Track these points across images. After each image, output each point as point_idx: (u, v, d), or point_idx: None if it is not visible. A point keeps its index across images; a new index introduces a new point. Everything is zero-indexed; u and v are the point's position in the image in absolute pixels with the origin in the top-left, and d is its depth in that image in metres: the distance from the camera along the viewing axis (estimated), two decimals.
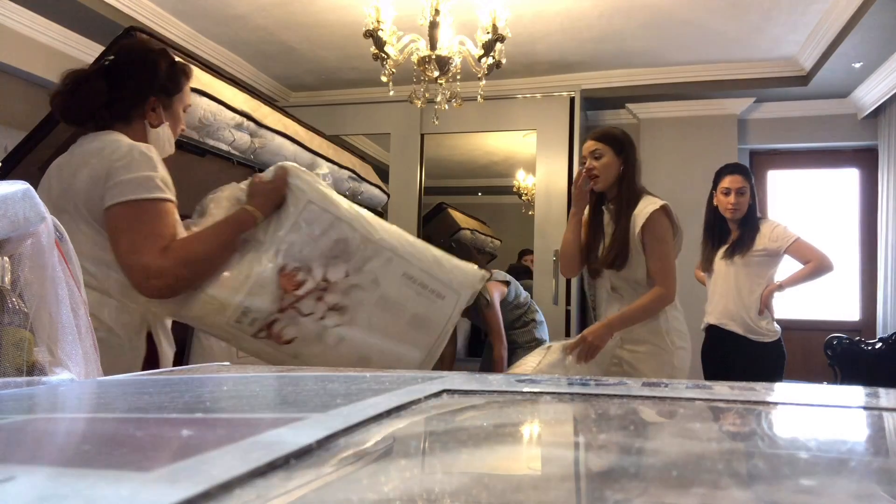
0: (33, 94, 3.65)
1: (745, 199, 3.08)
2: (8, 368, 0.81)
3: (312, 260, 1.53)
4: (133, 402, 0.65)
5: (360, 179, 3.23)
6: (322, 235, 1.55)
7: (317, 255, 1.54)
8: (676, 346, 2.38)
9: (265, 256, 1.50)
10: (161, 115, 1.63)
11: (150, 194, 1.44)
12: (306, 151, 2.71)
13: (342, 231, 1.56)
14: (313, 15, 3.92)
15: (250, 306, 1.47)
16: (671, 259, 2.39)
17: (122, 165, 1.45)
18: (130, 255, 1.43)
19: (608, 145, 2.43)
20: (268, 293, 1.49)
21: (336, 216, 1.57)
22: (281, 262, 1.51)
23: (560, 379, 0.73)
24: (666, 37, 4.13)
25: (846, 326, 4.74)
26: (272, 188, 1.54)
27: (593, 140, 2.47)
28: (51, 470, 0.37)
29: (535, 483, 0.38)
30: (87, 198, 1.47)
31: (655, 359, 2.36)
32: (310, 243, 1.54)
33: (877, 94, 4.43)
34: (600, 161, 2.43)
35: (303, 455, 0.37)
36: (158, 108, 1.63)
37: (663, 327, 2.37)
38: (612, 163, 2.43)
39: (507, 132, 4.91)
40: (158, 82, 1.61)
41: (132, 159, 1.46)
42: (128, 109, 1.60)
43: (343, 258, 1.56)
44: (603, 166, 2.42)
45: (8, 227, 0.81)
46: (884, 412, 0.60)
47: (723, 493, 0.34)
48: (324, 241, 1.55)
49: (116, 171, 1.45)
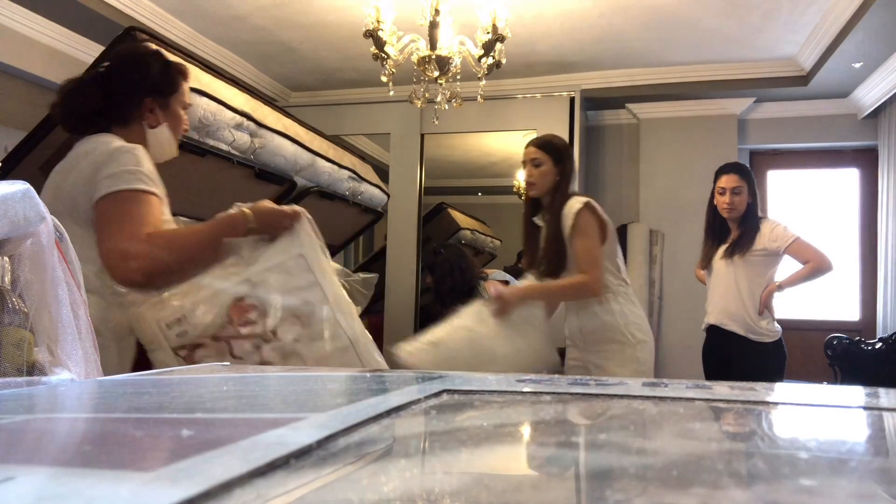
0: (33, 94, 3.65)
1: (740, 199, 3.08)
2: (8, 368, 0.81)
3: (272, 307, 1.46)
4: (133, 402, 0.65)
5: (360, 179, 3.23)
6: (294, 291, 1.48)
7: (279, 305, 1.47)
8: (638, 340, 2.46)
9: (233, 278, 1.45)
10: (158, 116, 1.64)
11: (132, 185, 1.44)
12: (306, 151, 2.71)
13: (315, 298, 1.49)
14: (313, 15, 3.92)
15: (188, 316, 1.41)
16: (595, 252, 2.43)
17: (105, 162, 1.47)
18: (109, 241, 1.42)
19: (548, 154, 2.50)
20: (212, 314, 1.42)
21: (317, 281, 1.50)
22: (243, 292, 1.44)
23: (560, 379, 0.73)
24: (666, 37, 4.13)
25: (846, 326, 4.74)
26: (280, 213, 1.52)
27: (534, 147, 2.54)
28: (51, 470, 0.37)
29: (535, 483, 0.38)
30: (74, 199, 1.48)
31: (620, 354, 2.44)
32: (280, 291, 1.47)
33: (877, 94, 4.43)
34: (539, 169, 2.50)
35: (303, 455, 0.37)
36: (155, 110, 1.63)
37: (620, 322, 2.45)
38: (549, 171, 2.50)
39: (506, 132, 4.91)
40: (151, 83, 1.62)
41: (116, 156, 1.48)
42: (124, 113, 1.61)
43: (302, 321, 1.48)
44: (541, 174, 2.50)
45: (8, 227, 0.81)
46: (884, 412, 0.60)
47: (723, 493, 0.34)
48: (293, 297, 1.48)
49: (100, 168, 1.47)
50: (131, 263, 1.39)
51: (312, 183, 2.87)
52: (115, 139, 1.54)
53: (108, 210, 1.45)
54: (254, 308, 1.45)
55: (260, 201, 1.56)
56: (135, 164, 1.47)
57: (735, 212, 3.09)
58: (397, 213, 4.70)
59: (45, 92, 3.66)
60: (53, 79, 3.65)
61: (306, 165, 2.74)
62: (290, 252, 1.50)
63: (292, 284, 1.48)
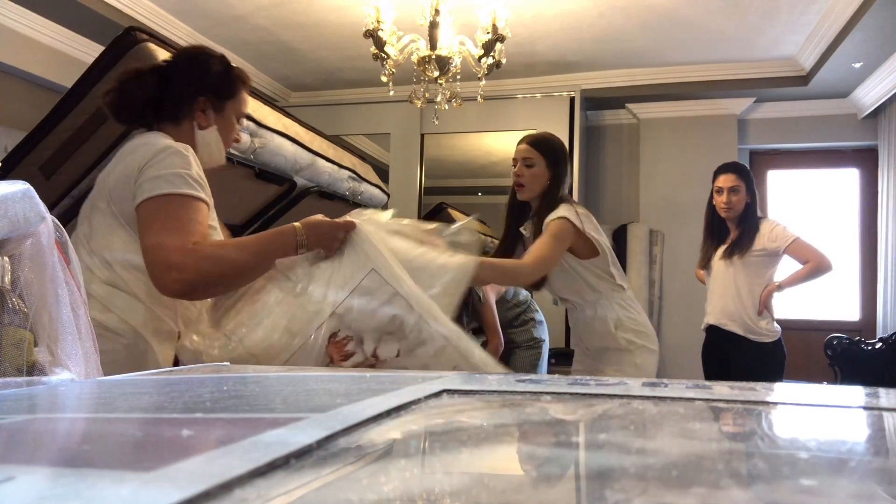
0: (33, 94, 3.65)
1: (738, 198, 3.08)
2: (8, 368, 0.81)
3: (366, 332, 1.40)
4: (133, 402, 0.65)
5: (360, 179, 3.23)
6: (380, 308, 1.40)
7: (371, 328, 1.40)
8: (637, 346, 2.35)
9: (319, 316, 1.37)
10: (210, 117, 1.58)
11: (179, 190, 1.38)
12: (306, 151, 2.71)
13: (400, 308, 1.41)
14: (313, 15, 3.92)
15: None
16: (550, 254, 2.17)
17: (154, 163, 1.40)
18: (154, 250, 1.35)
19: (542, 154, 2.26)
20: (313, 358, 1.36)
21: (396, 291, 1.42)
22: (335, 327, 1.38)
23: (560, 379, 0.73)
24: (666, 37, 4.13)
25: (846, 326, 4.74)
26: (332, 226, 1.43)
27: (528, 145, 2.29)
28: (51, 470, 0.37)
29: (535, 483, 0.38)
30: (118, 197, 1.43)
31: (617, 360, 2.35)
32: (367, 312, 1.39)
33: (877, 94, 4.43)
34: (531, 170, 2.26)
35: (303, 455, 0.37)
36: (208, 110, 1.57)
37: (612, 328, 2.33)
38: (541, 174, 2.26)
39: (506, 132, 4.91)
40: (209, 81, 1.57)
41: (165, 157, 1.41)
42: (176, 109, 1.55)
43: (397, 336, 1.42)
44: (532, 176, 2.26)
45: (8, 227, 0.81)
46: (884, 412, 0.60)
47: (723, 493, 0.34)
48: (380, 314, 1.40)
49: (148, 168, 1.40)
50: (174, 274, 1.33)
51: (312, 183, 2.87)
52: (164, 138, 1.47)
53: (153, 213, 1.38)
54: (349, 339, 1.40)
55: (312, 216, 1.47)
56: (184, 166, 1.40)
57: (732, 211, 3.09)
58: (397, 213, 4.70)
59: (45, 92, 3.66)
60: (53, 79, 3.66)
61: (306, 165, 2.74)
62: (362, 270, 1.41)
63: (376, 303, 1.41)
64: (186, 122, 1.56)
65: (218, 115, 1.60)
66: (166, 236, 1.34)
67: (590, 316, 2.39)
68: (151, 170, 1.40)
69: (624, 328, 2.35)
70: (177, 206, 1.38)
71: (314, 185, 2.88)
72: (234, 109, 1.64)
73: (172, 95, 1.54)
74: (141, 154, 1.43)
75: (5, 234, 0.82)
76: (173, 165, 1.40)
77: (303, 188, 2.83)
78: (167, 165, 1.40)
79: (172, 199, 1.38)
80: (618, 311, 2.36)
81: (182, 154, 1.43)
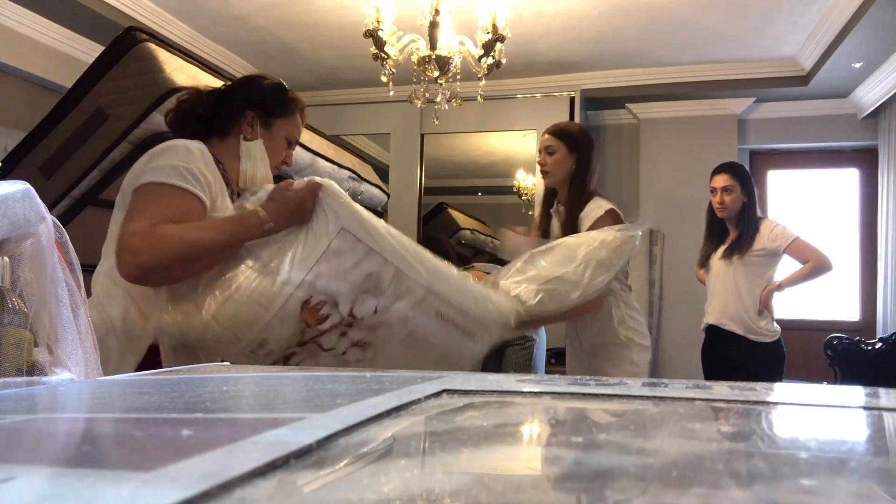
0: (33, 94, 3.65)
1: (731, 198, 3.09)
2: (8, 368, 0.81)
3: (340, 294, 1.38)
4: (133, 402, 0.65)
5: (360, 179, 3.23)
6: (353, 268, 1.39)
7: (345, 289, 1.38)
8: (635, 343, 2.43)
9: (287, 287, 1.34)
10: (257, 131, 1.57)
11: (168, 180, 1.35)
12: (306, 151, 2.71)
13: (375, 264, 1.40)
14: (313, 15, 3.92)
15: (268, 338, 1.35)
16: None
17: (156, 155, 1.40)
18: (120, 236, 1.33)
19: (562, 141, 2.37)
20: (288, 327, 1.36)
21: (370, 247, 1.40)
22: (305, 295, 1.35)
23: (560, 379, 0.73)
24: (666, 37, 4.13)
25: (846, 326, 4.74)
26: (297, 200, 1.39)
27: (548, 134, 2.41)
28: (51, 470, 0.37)
29: (535, 483, 0.38)
30: (124, 191, 1.44)
31: (616, 355, 2.42)
32: (339, 275, 1.38)
33: (877, 94, 4.43)
34: (552, 157, 2.37)
35: (303, 455, 0.37)
36: (255, 124, 1.57)
37: (617, 325, 2.41)
38: (563, 159, 2.36)
39: (507, 132, 4.91)
40: (259, 97, 1.58)
41: (167, 149, 1.40)
42: (225, 124, 1.56)
43: (373, 293, 1.41)
44: (554, 162, 2.37)
45: (8, 227, 0.81)
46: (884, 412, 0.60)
47: (723, 493, 0.34)
48: (354, 274, 1.39)
49: (150, 161, 1.39)
50: (128, 258, 1.29)
51: None
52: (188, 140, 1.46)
53: (135, 201, 1.37)
54: (323, 303, 1.38)
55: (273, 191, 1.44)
56: (183, 160, 1.38)
57: (727, 211, 3.10)
58: (397, 213, 4.70)
59: (45, 92, 3.66)
60: (53, 79, 3.66)
61: (306, 165, 2.74)
62: (330, 233, 1.38)
63: (348, 263, 1.39)
64: (233, 136, 1.57)
65: (265, 130, 1.59)
66: (133, 221, 1.32)
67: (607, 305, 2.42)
68: (153, 162, 1.39)
69: (626, 326, 2.41)
70: (159, 195, 1.35)
71: None
72: (284, 129, 1.63)
73: (223, 110, 1.57)
74: (152, 151, 1.43)
75: (5, 234, 0.82)
76: (172, 158, 1.39)
77: None
78: (166, 157, 1.39)
79: (156, 188, 1.36)
80: (624, 310, 2.43)
81: (188, 149, 1.41)
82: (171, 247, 1.31)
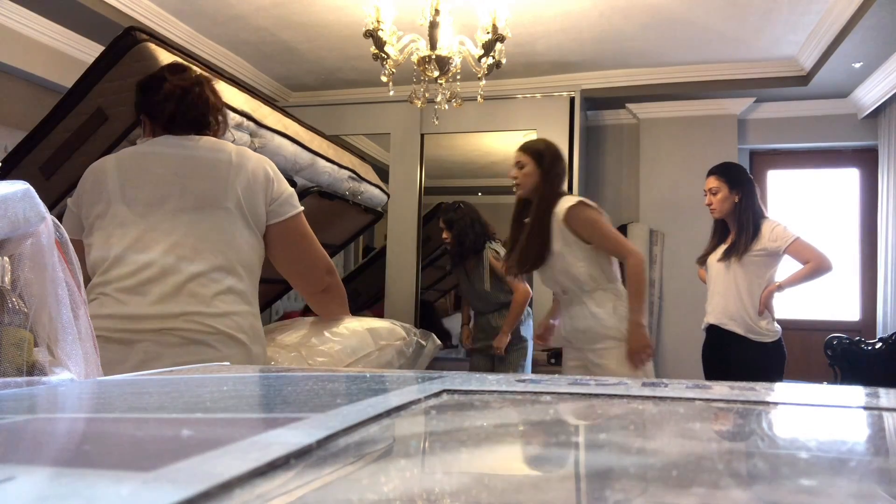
0: (33, 94, 3.65)
1: (718, 199, 3.11)
2: (8, 368, 0.81)
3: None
4: (133, 402, 0.65)
5: (360, 179, 3.23)
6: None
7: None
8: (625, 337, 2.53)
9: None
10: (148, 130, 1.76)
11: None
12: (306, 151, 2.71)
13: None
14: (313, 15, 3.92)
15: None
16: (614, 231, 2.64)
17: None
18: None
19: (530, 157, 2.68)
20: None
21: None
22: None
23: (560, 379, 0.73)
24: (666, 37, 4.13)
25: (846, 326, 4.74)
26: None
27: (519, 151, 2.73)
28: (51, 470, 0.37)
29: (535, 483, 0.38)
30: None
31: (617, 351, 2.52)
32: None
33: (877, 94, 4.43)
34: (522, 170, 2.68)
35: (303, 455, 0.37)
36: (146, 125, 1.76)
37: (614, 319, 2.54)
38: (532, 172, 2.67)
39: (507, 132, 4.90)
40: (137, 99, 1.77)
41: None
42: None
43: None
44: (524, 175, 2.68)
45: (8, 227, 0.81)
46: (884, 412, 0.60)
47: (723, 493, 0.34)
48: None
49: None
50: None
51: (312, 183, 2.87)
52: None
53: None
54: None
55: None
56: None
57: (717, 212, 3.13)
58: (397, 213, 4.70)
59: (45, 92, 3.66)
60: (54, 79, 3.66)
61: (306, 165, 2.74)
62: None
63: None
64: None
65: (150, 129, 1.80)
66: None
67: (591, 307, 2.57)
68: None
69: (619, 317, 2.54)
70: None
71: (314, 185, 2.88)
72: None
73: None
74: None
75: (5, 234, 0.82)
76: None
77: (303, 188, 2.83)
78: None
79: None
80: (616, 303, 2.56)
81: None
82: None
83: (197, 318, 1.53)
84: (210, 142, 1.69)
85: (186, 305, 1.53)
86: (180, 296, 1.53)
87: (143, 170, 1.65)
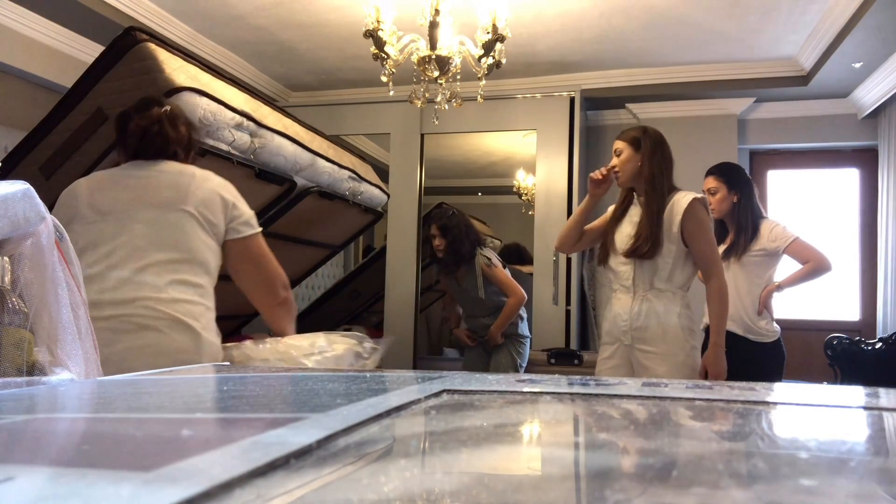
0: (33, 94, 3.65)
1: (716, 199, 3.10)
2: (8, 368, 0.81)
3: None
4: (133, 402, 0.65)
5: (360, 179, 3.23)
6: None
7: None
8: (691, 346, 2.48)
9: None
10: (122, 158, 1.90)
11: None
12: (306, 151, 2.71)
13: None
14: (313, 15, 3.91)
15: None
16: (716, 246, 2.58)
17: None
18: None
19: (626, 143, 2.59)
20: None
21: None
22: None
23: (560, 379, 0.73)
24: (666, 37, 4.13)
25: (846, 326, 4.74)
26: None
27: (617, 139, 2.65)
28: (51, 470, 0.37)
29: (535, 483, 0.38)
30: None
31: (672, 359, 2.42)
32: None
33: (877, 94, 4.43)
34: (620, 158, 2.60)
35: (303, 455, 0.37)
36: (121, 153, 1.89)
37: (682, 322, 2.47)
38: (630, 158, 2.57)
39: (506, 132, 4.90)
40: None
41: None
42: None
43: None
44: (621, 162, 2.59)
45: (8, 227, 0.81)
46: (884, 412, 0.60)
47: (723, 493, 0.34)
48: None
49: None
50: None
51: (312, 183, 2.87)
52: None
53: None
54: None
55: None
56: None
57: (715, 212, 3.11)
58: (397, 213, 4.70)
59: (45, 92, 3.65)
60: (53, 79, 3.65)
61: (306, 165, 2.74)
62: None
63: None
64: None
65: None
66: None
67: (653, 302, 2.49)
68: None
69: (685, 327, 2.49)
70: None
71: (314, 185, 2.89)
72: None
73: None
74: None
75: (5, 234, 0.82)
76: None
77: (303, 188, 2.83)
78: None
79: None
80: (681, 308, 2.51)
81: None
82: None
83: (149, 304, 1.61)
84: (175, 166, 1.82)
85: (139, 291, 1.62)
86: (134, 283, 1.63)
87: (111, 184, 1.79)
